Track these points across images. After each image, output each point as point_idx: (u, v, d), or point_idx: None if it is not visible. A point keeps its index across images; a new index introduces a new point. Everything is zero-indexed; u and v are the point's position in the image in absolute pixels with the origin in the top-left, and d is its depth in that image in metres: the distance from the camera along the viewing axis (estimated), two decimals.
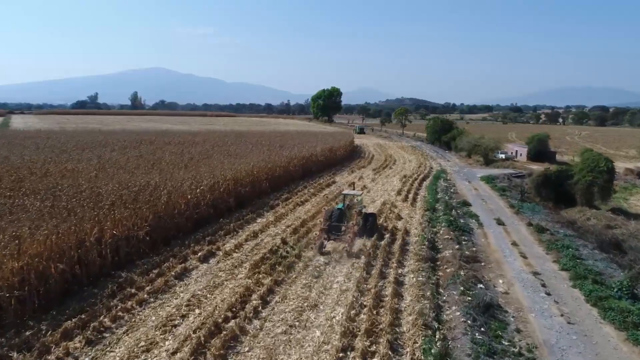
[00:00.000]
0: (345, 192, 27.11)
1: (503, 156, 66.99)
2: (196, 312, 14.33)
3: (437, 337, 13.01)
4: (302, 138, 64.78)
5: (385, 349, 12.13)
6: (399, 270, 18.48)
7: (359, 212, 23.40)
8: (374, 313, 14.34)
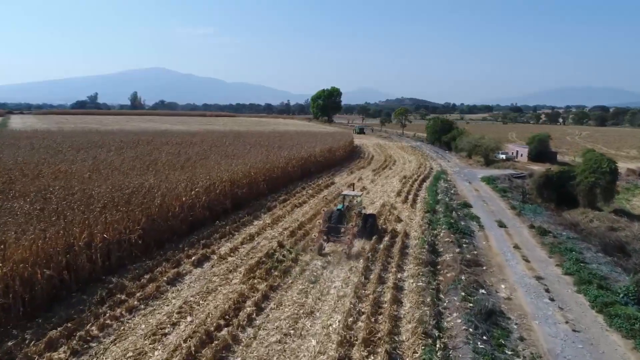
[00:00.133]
0: (344, 192, 26.86)
1: (503, 156, 66.53)
2: (188, 319, 13.83)
3: (438, 346, 12.54)
4: (301, 138, 64.29)
5: None
6: (398, 275, 18.00)
7: (358, 214, 23.21)
8: (372, 321, 13.85)
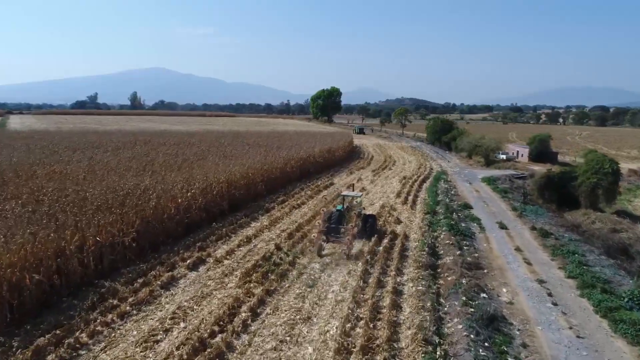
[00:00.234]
0: (344, 193, 26.67)
1: (504, 157, 66.13)
2: (181, 325, 13.45)
3: (438, 353, 12.17)
4: (301, 138, 63.90)
5: None
6: (398, 279, 17.62)
7: (358, 214, 23.09)
8: (371, 327, 13.46)
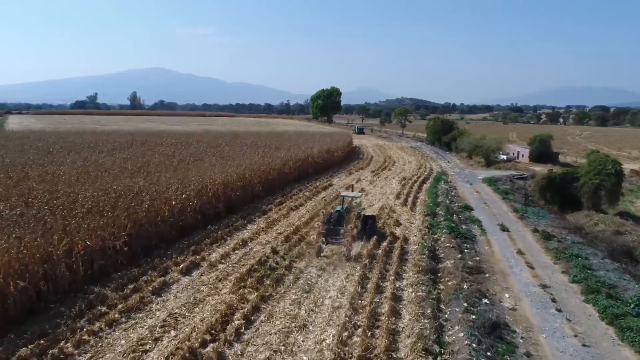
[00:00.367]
0: (343, 194, 26.38)
1: (504, 157, 65.64)
2: (172, 334, 12.94)
3: None
4: (300, 139, 63.39)
5: None
6: (397, 284, 17.12)
7: (357, 215, 22.87)
8: (369, 335, 12.95)
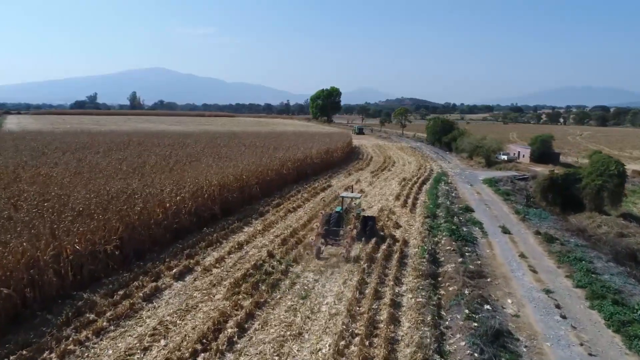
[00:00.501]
0: (343, 194, 26.05)
1: (505, 157, 65.05)
2: (161, 343, 12.44)
3: None
4: (299, 139, 62.82)
5: None
6: (396, 289, 16.62)
7: (357, 216, 22.58)
8: (367, 344, 12.45)
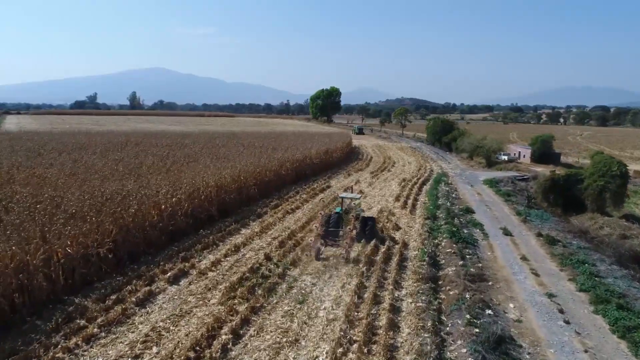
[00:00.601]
0: (342, 195, 25.76)
1: (505, 158, 64.67)
2: (153, 350, 12.05)
3: None
4: (298, 139, 62.48)
5: None
6: (396, 293, 16.24)
7: (356, 217, 22.39)
8: (365, 352, 12.08)
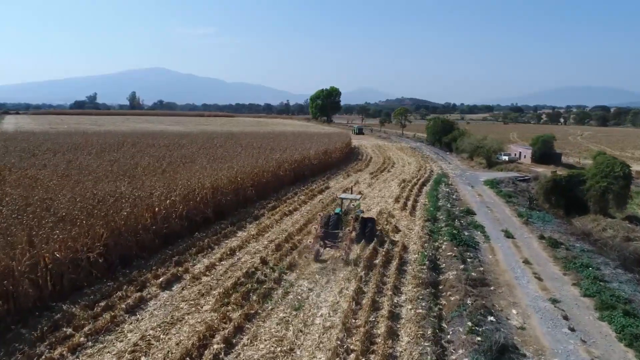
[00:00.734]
0: (342, 196, 25.46)
1: (506, 158, 64.10)
2: None
3: None
4: (297, 139, 61.97)
5: None
6: (395, 299, 15.76)
7: (356, 218, 22.11)
8: None
